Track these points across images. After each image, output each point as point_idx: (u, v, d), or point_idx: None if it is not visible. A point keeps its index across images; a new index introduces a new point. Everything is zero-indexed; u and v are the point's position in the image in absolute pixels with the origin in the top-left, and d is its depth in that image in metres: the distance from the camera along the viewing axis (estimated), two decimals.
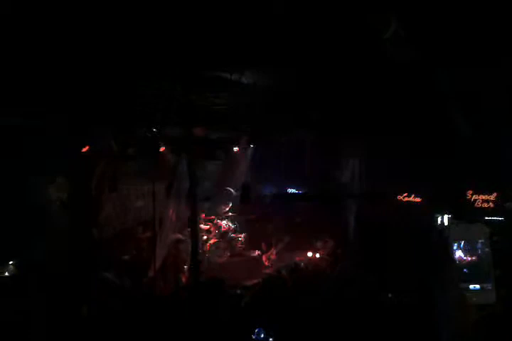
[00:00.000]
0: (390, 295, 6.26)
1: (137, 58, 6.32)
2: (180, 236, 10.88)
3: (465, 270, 6.02)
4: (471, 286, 5.82)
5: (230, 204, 12.17)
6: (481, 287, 5.81)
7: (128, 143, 10.35)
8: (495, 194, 10.21)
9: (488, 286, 5.77)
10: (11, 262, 8.79)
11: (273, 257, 11.41)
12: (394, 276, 6.28)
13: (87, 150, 9.78)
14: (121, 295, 7.35)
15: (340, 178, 11.09)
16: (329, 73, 6.72)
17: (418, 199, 10.78)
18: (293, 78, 7.09)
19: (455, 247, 6.10)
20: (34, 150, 8.67)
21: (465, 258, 6.10)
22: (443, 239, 6.31)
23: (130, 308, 6.51)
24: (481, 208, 10.05)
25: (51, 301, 6.63)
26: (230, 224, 11.88)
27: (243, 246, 11.71)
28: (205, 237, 11.41)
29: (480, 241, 6.06)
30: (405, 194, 10.83)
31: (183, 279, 9.88)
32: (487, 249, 6.01)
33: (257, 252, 11.54)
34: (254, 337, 5.61)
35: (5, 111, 7.64)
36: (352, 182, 11.33)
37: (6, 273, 8.68)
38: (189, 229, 10.51)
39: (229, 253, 11.31)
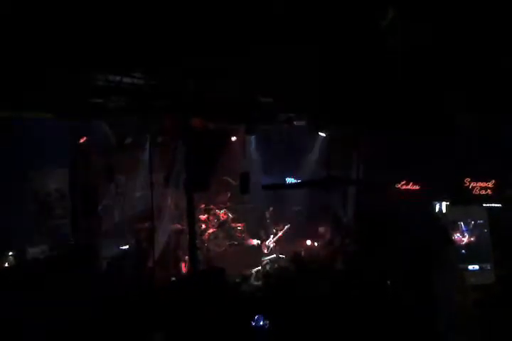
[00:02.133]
0: (388, 282, 6.30)
1: (138, 50, 6.29)
2: (179, 226, 10.91)
3: (463, 251, 6.04)
4: (470, 267, 5.86)
5: (229, 194, 12.18)
6: (479, 267, 5.85)
7: (125, 133, 10.33)
8: (493, 181, 10.20)
9: (487, 266, 5.81)
10: (10, 253, 8.81)
11: (272, 246, 11.44)
12: (393, 262, 6.31)
13: (84, 141, 9.76)
14: (123, 285, 7.38)
15: (339, 167, 11.08)
16: (329, 62, 6.69)
17: (416, 187, 10.78)
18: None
19: (454, 228, 6.12)
20: (32, 142, 8.66)
21: (464, 239, 6.13)
22: (441, 224, 6.33)
23: (131, 297, 6.55)
24: (479, 195, 10.04)
25: (53, 292, 6.67)
26: (229, 214, 11.90)
27: (242, 235, 11.73)
28: (204, 227, 11.44)
29: (478, 222, 6.08)
30: (404, 182, 10.83)
31: (183, 268, 9.91)
32: (485, 230, 6.03)
33: (256, 241, 11.56)
34: (253, 323, 5.66)
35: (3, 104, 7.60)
36: (350, 171, 11.34)
37: (6, 264, 8.71)
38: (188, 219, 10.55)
39: (228, 243, 11.34)
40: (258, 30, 5.73)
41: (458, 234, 6.28)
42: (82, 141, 9.69)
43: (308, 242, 11.62)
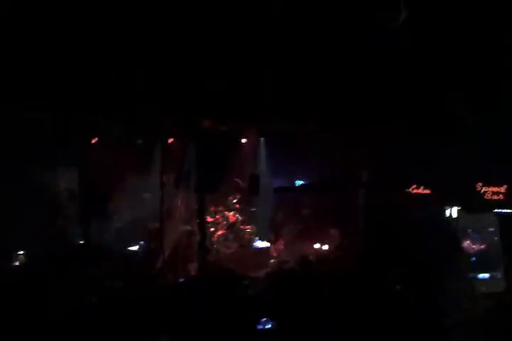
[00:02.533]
0: (398, 287, 6.24)
1: (145, 50, 6.32)
2: (189, 227, 10.93)
3: (473, 259, 5.96)
4: (480, 275, 5.77)
5: (239, 196, 12.18)
6: (490, 275, 5.76)
7: (137, 134, 10.40)
8: (505, 186, 10.11)
9: (498, 275, 5.71)
10: (20, 252, 8.89)
11: (281, 248, 11.42)
12: (403, 267, 6.26)
13: (96, 142, 9.84)
14: (130, 285, 7.39)
15: (349, 169, 11.03)
16: (333, 61, 6.67)
17: (427, 191, 10.71)
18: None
19: (464, 236, 6.04)
20: (44, 142, 8.73)
21: (474, 246, 6.05)
22: (452, 229, 6.26)
23: (139, 297, 6.56)
24: (491, 200, 9.95)
25: (60, 292, 6.70)
26: (238, 216, 11.90)
27: (251, 237, 11.71)
28: (213, 229, 11.44)
29: (489, 229, 6.00)
30: (414, 186, 10.76)
31: (192, 270, 9.92)
32: (496, 238, 5.95)
33: (265, 243, 11.54)
34: (259, 327, 5.64)
35: (14, 105, 7.68)
36: (360, 173, 11.28)
37: (17, 263, 8.78)
38: (197, 221, 10.57)
39: (237, 245, 11.33)
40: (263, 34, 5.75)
41: (468, 242, 6.20)
42: (93, 141, 9.78)
43: (317, 245, 11.57)
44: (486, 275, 5.77)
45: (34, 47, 5.89)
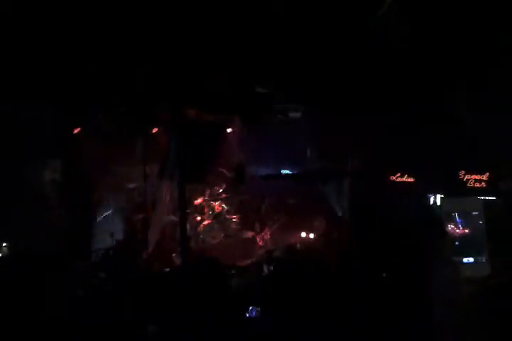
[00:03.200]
0: (384, 275, 6.30)
1: (130, 41, 6.23)
2: (174, 217, 10.89)
3: (457, 243, 5.95)
4: (465, 259, 5.79)
5: (224, 186, 12.15)
6: (474, 260, 5.78)
7: (120, 124, 10.27)
8: (487, 174, 10.22)
9: (482, 259, 5.74)
10: (4, 244, 8.79)
11: (267, 237, 11.45)
12: (387, 255, 6.32)
13: (78, 132, 9.71)
14: (117, 275, 7.37)
15: (334, 158, 11.06)
16: (324, 51, 6.65)
17: (411, 179, 10.80)
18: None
19: (448, 220, 6.05)
20: (27, 134, 8.60)
21: (458, 230, 6.07)
22: (436, 214, 6.30)
23: (125, 287, 6.54)
24: (474, 188, 10.07)
25: (46, 283, 6.64)
26: (224, 205, 11.88)
27: (237, 227, 11.72)
28: (199, 218, 11.42)
29: (473, 213, 6.01)
30: (398, 174, 10.84)
31: (176, 259, 9.91)
32: (481, 222, 5.96)
33: (250, 233, 11.56)
34: (247, 315, 5.66)
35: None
36: (345, 162, 11.32)
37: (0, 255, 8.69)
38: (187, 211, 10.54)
39: (223, 234, 11.33)
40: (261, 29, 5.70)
41: (452, 226, 6.22)
42: (76, 131, 9.64)
43: (303, 234, 11.63)
44: (471, 260, 5.80)
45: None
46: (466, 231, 6.21)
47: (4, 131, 8.31)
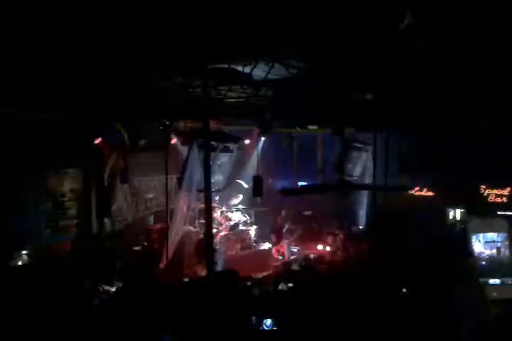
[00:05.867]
0: (404, 290, 6.21)
1: (149, 51, 6.28)
2: (191, 228, 10.91)
3: (484, 263, 5.88)
4: (491, 281, 5.70)
5: (241, 197, 12.16)
6: (501, 281, 5.68)
7: (140, 135, 10.39)
8: (508, 188, 10.08)
9: (509, 281, 5.64)
10: (24, 252, 8.87)
11: (283, 250, 11.40)
12: (409, 271, 6.23)
13: (99, 142, 9.82)
14: (135, 285, 7.38)
15: (352, 172, 11.00)
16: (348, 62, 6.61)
17: (430, 193, 10.68)
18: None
19: (474, 241, 5.97)
20: (48, 143, 8.72)
21: (484, 251, 5.98)
22: (459, 232, 6.21)
23: (141, 297, 6.55)
24: (494, 203, 9.93)
25: (65, 291, 6.70)
26: (241, 217, 11.88)
27: (254, 238, 11.69)
28: (215, 229, 11.42)
29: (500, 234, 5.93)
30: (417, 188, 10.74)
31: (198, 270, 9.90)
32: (507, 243, 5.88)
33: (267, 244, 11.52)
34: (261, 327, 5.64)
35: (19, 107, 7.67)
36: (364, 176, 11.25)
37: (20, 263, 8.77)
38: (202, 221, 10.56)
39: (239, 246, 11.30)
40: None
41: (478, 247, 6.13)
42: (97, 142, 9.76)
43: (320, 247, 11.56)
44: (497, 281, 5.71)
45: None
46: (493, 252, 6.10)
47: (24, 140, 8.41)
